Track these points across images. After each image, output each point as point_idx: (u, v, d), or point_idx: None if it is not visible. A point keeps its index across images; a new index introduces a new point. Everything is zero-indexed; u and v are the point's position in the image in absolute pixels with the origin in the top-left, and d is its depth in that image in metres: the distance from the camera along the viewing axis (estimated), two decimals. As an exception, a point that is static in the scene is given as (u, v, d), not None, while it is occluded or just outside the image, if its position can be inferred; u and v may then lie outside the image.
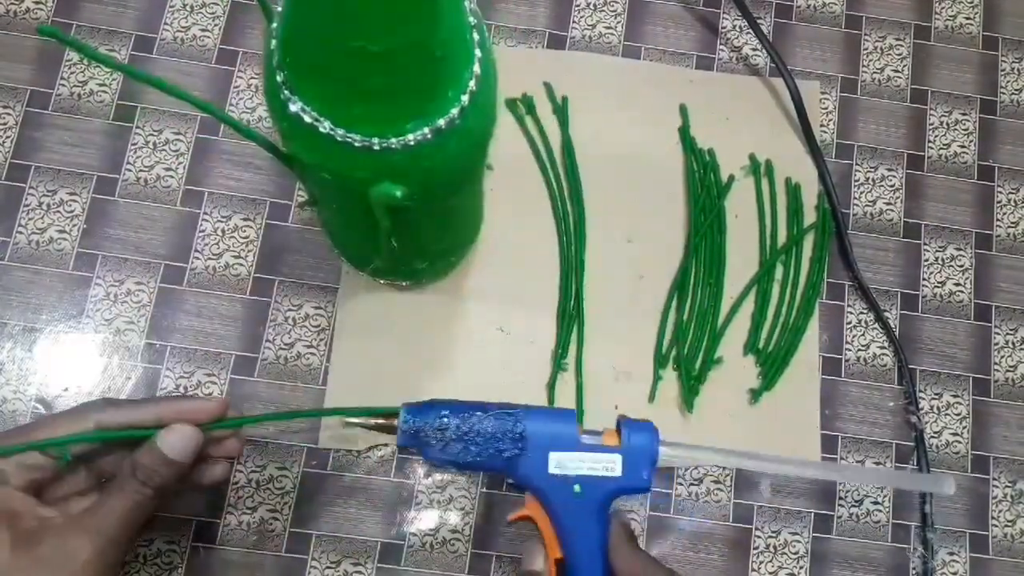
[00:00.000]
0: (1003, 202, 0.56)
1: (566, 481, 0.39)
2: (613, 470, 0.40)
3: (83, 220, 0.51)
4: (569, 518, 0.40)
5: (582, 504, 0.39)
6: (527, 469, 0.39)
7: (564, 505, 0.39)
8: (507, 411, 0.40)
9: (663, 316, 0.52)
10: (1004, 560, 0.51)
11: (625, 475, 0.40)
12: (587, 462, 0.40)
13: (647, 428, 0.41)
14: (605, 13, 0.58)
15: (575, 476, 0.39)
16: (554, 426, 0.40)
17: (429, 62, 0.31)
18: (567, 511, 0.39)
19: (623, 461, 0.40)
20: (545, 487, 0.39)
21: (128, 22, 0.55)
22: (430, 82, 0.32)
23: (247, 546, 0.48)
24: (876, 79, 0.58)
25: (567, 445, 0.40)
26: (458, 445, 0.39)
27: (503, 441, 0.39)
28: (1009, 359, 0.54)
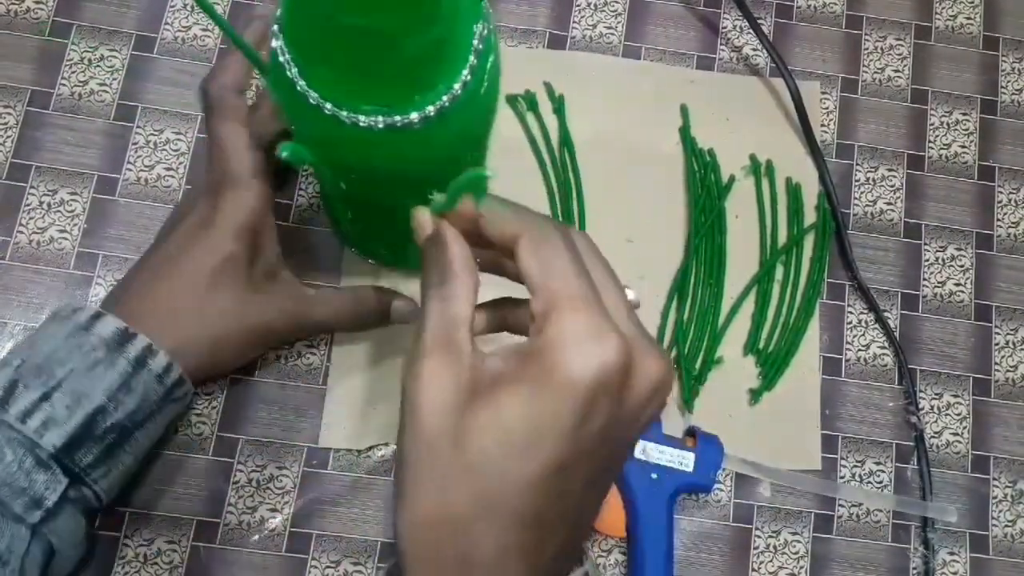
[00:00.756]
0: (1003, 202, 0.56)
1: (646, 467, 0.47)
2: (686, 466, 0.47)
3: (84, 220, 0.51)
4: (642, 502, 0.46)
5: (656, 491, 0.47)
6: None
7: (641, 488, 0.47)
8: None
9: (663, 316, 0.52)
10: (1004, 560, 0.51)
11: (695, 472, 0.47)
12: (667, 454, 0.47)
13: (715, 439, 0.48)
14: (605, 13, 0.58)
15: (654, 464, 0.47)
16: None
17: (429, 39, 0.31)
18: (642, 495, 0.46)
19: (695, 460, 0.47)
20: (628, 469, 0.47)
21: (128, 22, 0.55)
22: (432, 59, 0.32)
23: (247, 546, 0.48)
24: (876, 79, 0.58)
25: (653, 438, 0.47)
26: None
27: None
28: (1009, 359, 0.54)
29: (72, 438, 0.37)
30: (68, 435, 0.36)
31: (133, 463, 0.40)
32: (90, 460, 0.37)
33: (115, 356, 0.38)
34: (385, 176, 0.35)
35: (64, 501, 0.37)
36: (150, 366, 0.39)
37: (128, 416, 0.38)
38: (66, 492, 0.37)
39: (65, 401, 0.37)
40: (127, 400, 0.38)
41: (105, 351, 0.38)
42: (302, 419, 0.49)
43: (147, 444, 0.41)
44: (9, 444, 0.36)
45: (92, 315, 0.39)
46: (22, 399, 0.37)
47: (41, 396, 0.37)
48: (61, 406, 0.37)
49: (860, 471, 0.51)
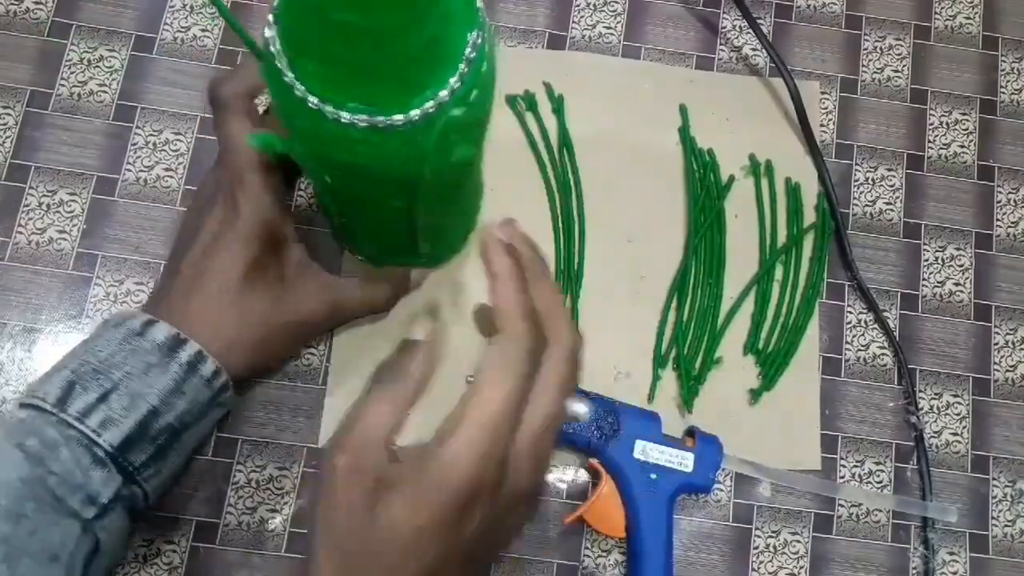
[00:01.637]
0: (1003, 202, 0.56)
1: (646, 468, 0.47)
2: (685, 466, 0.47)
3: (83, 220, 0.51)
4: (642, 502, 0.47)
5: (655, 491, 0.47)
6: (615, 450, 0.47)
7: (640, 489, 0.47)
8: (607, 399, 0.48)
9: (663, 316, 0.52)
10: (1004, 560, 0.51)
11: (695, 473, 0.47)
12: (666, 454, 0.47)
13: (714, 439, 0.48)
14: (605, 13, 0.58)
15: (653, 464, 0.47)
16: (643, 420, 0.48)
17: (419, 41, 0.31)
18: (642, 496, 0.47)
19: (695, 461, 0.47)
20: (627, 470, 0.47)
21: (128, 22, 0.55)
22: (421, 62, 0.32)
23: (247, 546, 0.48)
24: (876, 79, 0.58)
25: (652, 438, 0.48)
26: None
27: (602, 422, 0.47)
28: (1009, 359, 0.54)
29: (128, 437, 0.38)
30: (125, 434, 0.38)
31: (180, 464, 0.41)
32: (143, 459, 0.38)
33: (168, 361, 0.39)
34: (369, 174, 0.35)
35: (116, 499, 0.38)
36: (200, 371, 0.40)
37: (178, 418, 0.39)
38: (119, 490, 0.38)
39: (123, 402, 0.38)
40: (178, 403, 0.39)
41: (159, 355, 0.39)
42: (302, 419, 0.49)
43: (192, 445, 0.42)
44: (67, 442, 0.37)
45: (145, 321, 0.40)
46: (80, 399, 0.38)
47: (99, 397, 0.38)
48: (119, 406, 0.38)
49: (860, 471, 0.51)
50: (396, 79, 0.32)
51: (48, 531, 0.35)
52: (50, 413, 0.37)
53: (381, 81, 0.31)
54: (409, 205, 0.39)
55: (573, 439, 0.48)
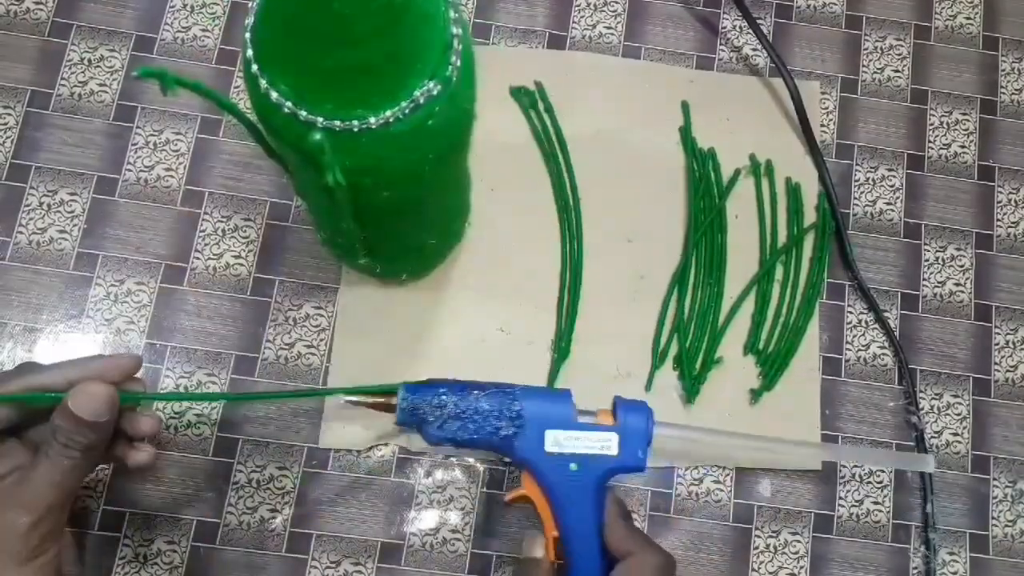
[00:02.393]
0: (1003, 202, 0.56)
1: (562, 459, 0.40)
2: (609, 448, 0.40)
3: (83, 220, 0.51)
4: (565, 497, 0.40)
5: (578, 482, 0.40)
6: (524, 447, 0.40)
7: (561, 484, 0.40)
8: (504, 390, 0.41)
9: (662, 316, 0.52)
10: (1004, 560, 0.51)
11: (621, 454, 0.40)
12: (583, 440, 0.40)
13: (642, 408, 0.42)
14: (605, 13, 0.58)
15: (571, 455, 0.40)
16: (550, 405, 0.41)
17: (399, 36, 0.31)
18: (564, 490, 0.40)
19: (619, 440, 0.40)
20: (542, 466, 0.40)
21: (128, 22, 0.55)
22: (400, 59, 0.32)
23: (247, 546, 0.48)
24: (876, 79, 0.58)
25: (563, 424, 0.41)
26: (456, 423, 0.40)
27: (500, 419, 0.40)
28: (1009, 359, 0.54)
29: None
30: None
31: None
32: None
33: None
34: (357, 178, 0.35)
35: None
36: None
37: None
38: None
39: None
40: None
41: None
42: (302, 419, 0.49)
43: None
44: None
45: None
46: None
47: None
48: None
49: (860, 471, 0.51)
50: (365, 83, 0.32)
51: None
52: None
53: (350, 84, 0.32)
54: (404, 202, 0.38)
55: (472, 445, 0.41)
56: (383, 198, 0.37)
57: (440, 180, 0.41)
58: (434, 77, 0.33)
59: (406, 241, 0.46)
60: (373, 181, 0.35)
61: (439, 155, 0.36)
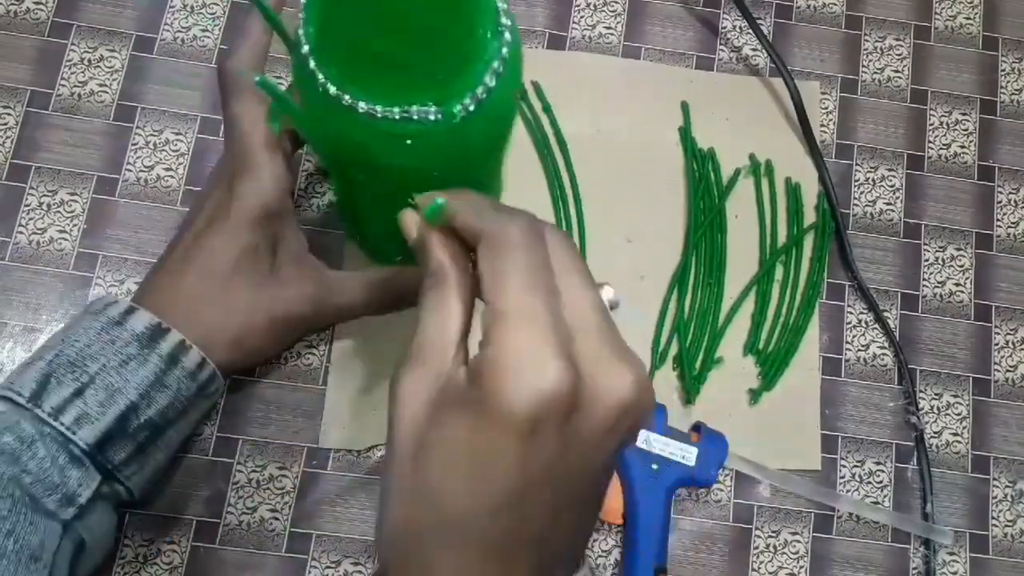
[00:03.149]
0: (1003, 202, 0.56)
1: (647, 457, 0.47)
2: (687, 460, 0.47)
3: (83, 220, 0.51)
4: (641, 491, 0.47)
5: (655, 482, 0.47)
6: None
7: (640, 479, 0.47)
8: None
9: (662, 316, 0.52)
10: (1004, 560, 0.51)
11: (696, 467, 0.47)
12: (669, 446, 0.47)
13: (721, 436, 0.49)
14: (605, 13, 0.58)
15: (656, 455, 0.47)
16: None
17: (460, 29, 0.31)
18: (641, 484, 0.47)
19: (697, 455, 0.47)
20: (629, 458, 0.47)
21: (128, 22, 0.55)
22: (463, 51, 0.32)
23: (247, 546, 0.48)
24: (876, 79, 0.58)
25: (656, 429, 0.48)
26: None
27: None
28: (1009, 359, 0.54)
29: (105, 435, 0.36)
30: (101, 432, 0.36)
31: (165, 459, 0.40)
32: (123, 457, 0.37)
33: (148, 352, 0.37)
34: (401, 171, 0.35)
35: (96, 497, 0.37)
36: (183, 363, 0.38)
37: (160, 413, 0.38)
38: (99, 488, 0.37)
39: (99, 397, 0.36)
40: (160, 397, 0.38)
41: (138, 347, 0.37)
42: (302, 419, 0.49)
43: (179, 440, 0.41)
44: (42, 439, 0.35)
45: (125, 310, 0.38)
46: (55, 394, 0.36)
47: (74, 392, 0.36)
48: (95, 402, 0.36)
49: (860, 471, 0.51)
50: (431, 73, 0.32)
51: (26, 532, 0.34)
52: (25, 408, 0.36)
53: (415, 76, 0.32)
54: None
55: None
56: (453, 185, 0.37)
57: (486, 172, 0.41)
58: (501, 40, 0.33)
59: None
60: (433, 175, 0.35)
61: (491, 146, 0.36)
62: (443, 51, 0.31)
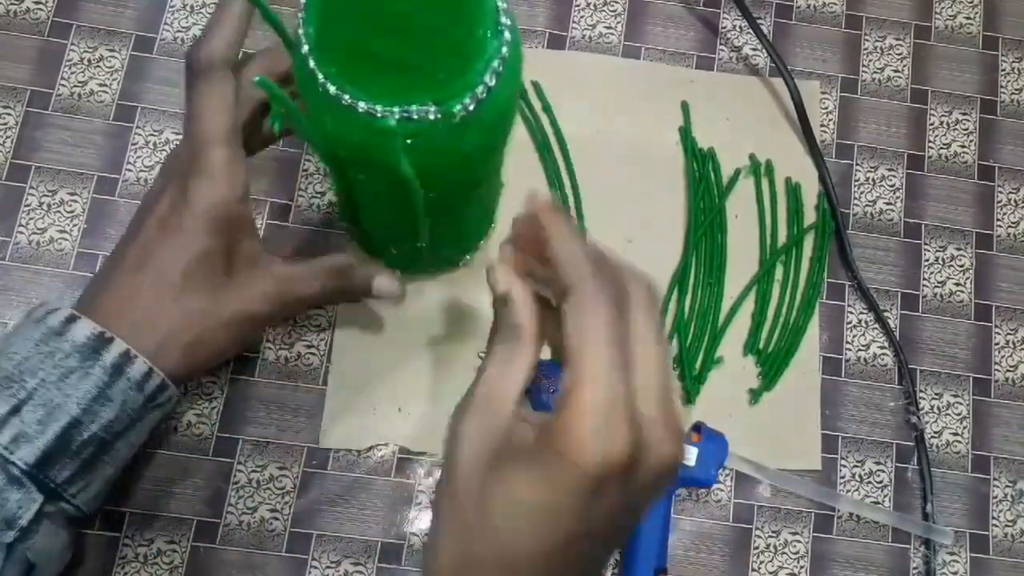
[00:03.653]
0: (1003, 202, 0.56)
1: None
2: (687, 460, 0.47)
3: (83, 220, 0.51)
4: None
5: None
6: None
7: None
8: None
9: (662, 316, 0.52)
10: (1004, 560, 0.51)
11: (697, 467, 0.47)
12: None
13: (721, 436, 0.48)
14: (605, 13, 0.58)
15: None
16: None
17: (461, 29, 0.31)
18: None
19: (697, 455, 0.47)
20: None
21: (128, 22, 0.55)
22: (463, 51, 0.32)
23: (247, 546, 0.48)
24: (876, 79, 0.58)
25: None
26: None
27: None
28: (1009, 359, 0.54)
29: (45, 454, 0.34)
30: (41, 451, 0.34)
31: (114, 473, 0.38)
32: (67, 475, 0.35)
33: (90, 364, 0.35)
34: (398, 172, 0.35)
35: (41, 517, 0.35)
36: (128, 373, 0.36)
37: (105, 428, 0.36)
38: (41, 509, 0.35)
39: (37, 415, 0.34)
40: (103, 411, 0.36)
41: (79, 359, 0.35)
42: (302, 419, 0.49)
43: (129, 453, 0.39)
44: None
45: (66, 318, 0.36)
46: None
47: (11, 409, 0.34)
48: (32, 420, 0.34)
49: (860, 471, 0.51)
50: (431, 73, 0.32)
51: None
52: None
53: (415, 76, 0.32)
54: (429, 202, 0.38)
55: None
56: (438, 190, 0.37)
57: (486, 172, 0.41)
58: (501, 40, 0.33)
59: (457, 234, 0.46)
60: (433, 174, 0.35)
61: (491, 145, 0.36)
62: (443, 51, 0.31)
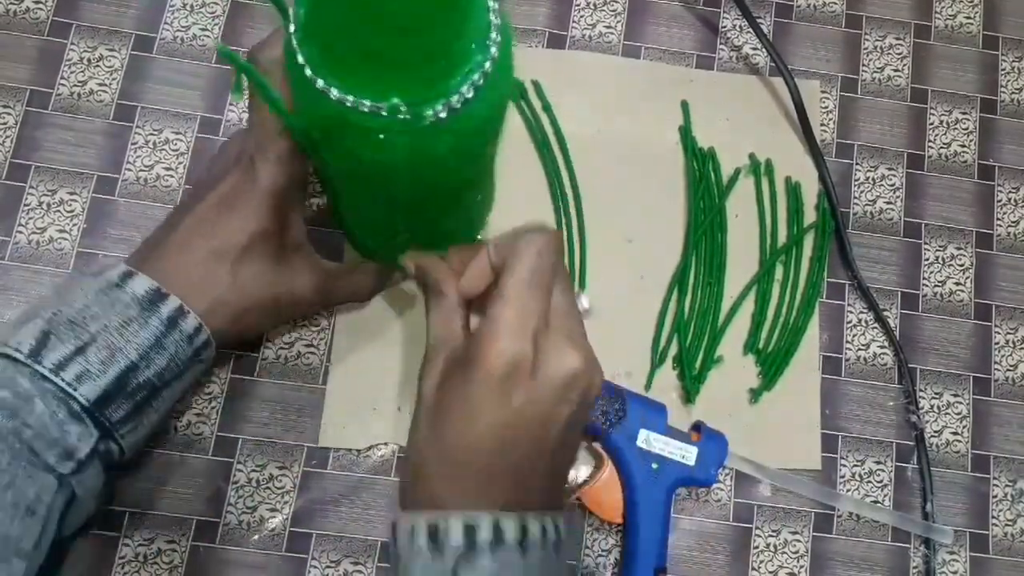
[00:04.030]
0: (1003, 201, 0.56)
1: (647, 457, 0.47)
2: (687, 459, 0.47)
3: (83, 220, 0.51)
4: (641, 492, 0.47)
5: (655, 481, 0.47)
6: (619, 438, 0.47)
7: (640, 478, 0.47)
8: (615, 386, 0.49)
9: (662, 315, 0.52)
10: (1004, 560, 0.51)
11: (696, 466, 0.47)
12: (669, 446, 0.47)
13: (721, 436, 0.49)
14: (605, 13, 0.58)
15: (656, 454, 0.47)
16: (650, 410, 0.48)
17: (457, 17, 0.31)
18: (642, 484, 0.47)
19: (697, 455, 0.47)
20: (630, 457, 0.47)
21: (128, 22, 0.55)
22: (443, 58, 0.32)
23: (247, 546, 0.48)
24: (876, 79, 0.58)
25: (656, 428, 0.48)
26: None
27: (609, 406, 0.47)
28: (1009, 358, 0.54)
29: (105, 392, 0.37)
30: (102, 389, 0.37)
31: (158, 420, 0.41)
32: (120, 415, 0.38)
33: (148, 315, 0.38)
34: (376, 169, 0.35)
35: (94, 454, 0.37)
36: (181, 327, 0.39)
37: (158, 375, 0.39)
38: (95, 445, 0.37)
39: (100, 356, 0.37)
40: (158, 359, 0.39)
41: (138, 309, 0.38)
42: (302, 419, 0.49)
43: (171, 402, 0.42)
44: (42, 395, 0.36)
45: (123, 273, 0.39)
46: (56, 351, 0.37)
47: (76, 349, 0.37)
48: (96, 360, 0.37)
49: (860, 470, 0.51)
50: (407, 73, 0.31)
51: (24, 484, 0.35)
52: (23, 364, 0.36)
53: (391, 72, 0.31)
54: (402, 201, 0.38)
55: None
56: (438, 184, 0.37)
57: (466, 179, 0.41)
58: (486, 55, 0.33)
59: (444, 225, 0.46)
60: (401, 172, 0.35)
61: (464, 156, 0.36)
62: (421, 54, 0.31)
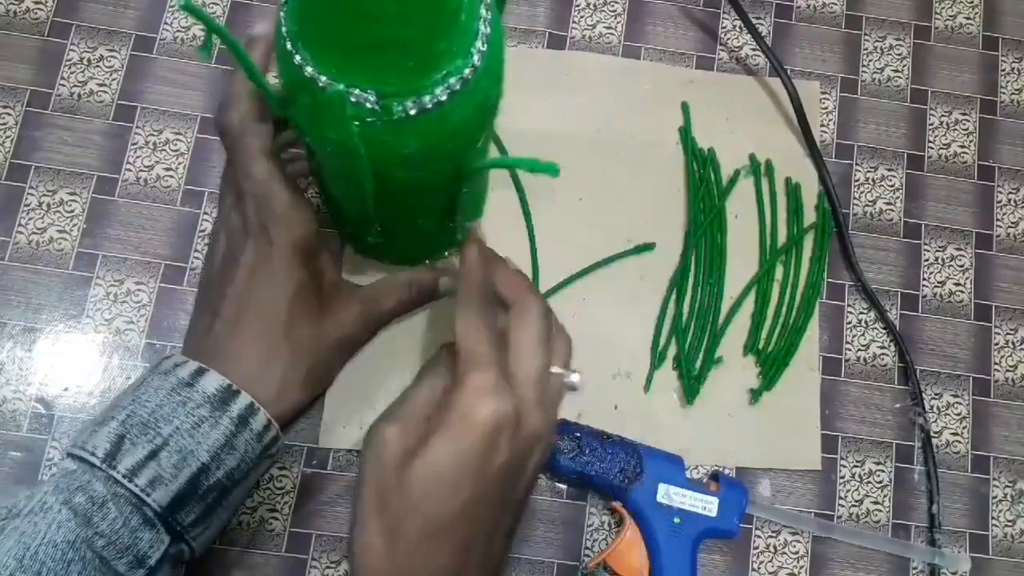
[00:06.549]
0: (1003, 202, 0.56)
1: (669, 512, 0.46)
2: (709, 511, 0.46)
3: (83, 220, 0.51)
4: (666, 546, 0.46)
5: (679, 535, 0.46)
6: (639, 495, 0.47)
7: (664, 533, 0.46)
8: (630, 442, 0.48)
9: (662, 316, 0.52)
10: (1004, 560, 0.51)
11: (719, 517, 0.46)
12: (689, 498, 0.47)
13: (740, 485, 0.48)
14: (605, 13, 0.58)
15: (677, 508, 0.46)
16: (667, 464, 0.48)
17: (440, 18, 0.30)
18: (665, 540, 0.46)
19: (719, 505, 0.47)
20: (651, 514, 0.46)
21: (128, 22, 0.55)
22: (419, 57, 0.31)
23: (247, 546, 0.48)
24: (876, 79, 0.58)
25: (675, 481, 0.47)
26: (585, 459, 0.47)
27: (626, 465, 0.47)
28: (1009, 359, 0.54)
29: (177, 497, 0.36)
30: (174, 493, 0.36)
31: (227, 518, 0.40)
32: (192, 519, 0.37)
33: (219, 414, 0.38)
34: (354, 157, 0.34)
35: (165, 557, 0.37)
36: (251, 425, 0.39)
37: (228, 475, 0.38)
38: (166, 549, 0.37)
39: (172, 460, 0.37)
40: (229, 459, 0.38)
41: (209, 409, 0.38)
42: (302, 419, 0.49)
43: (242, 499, 0.41)
44: (115, 500, 0.36)
45: (195, 371, 0.38)
46: (129, 456, 0.36)
47: (148, 454, 0.36)
48: (168, 464, 0.36)
49: (860, 471, 0.51)
50: (380, 66, 0.31)
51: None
52: (99, 468, 0.36)
53: (365, 62, 0.31)
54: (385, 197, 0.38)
55: (595, 481, 0.47)
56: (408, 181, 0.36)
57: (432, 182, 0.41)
58: (467, 61, 0.32)
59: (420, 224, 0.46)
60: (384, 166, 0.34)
61: (440, 160, 0.36)
62: (395, 50, 0.30)
